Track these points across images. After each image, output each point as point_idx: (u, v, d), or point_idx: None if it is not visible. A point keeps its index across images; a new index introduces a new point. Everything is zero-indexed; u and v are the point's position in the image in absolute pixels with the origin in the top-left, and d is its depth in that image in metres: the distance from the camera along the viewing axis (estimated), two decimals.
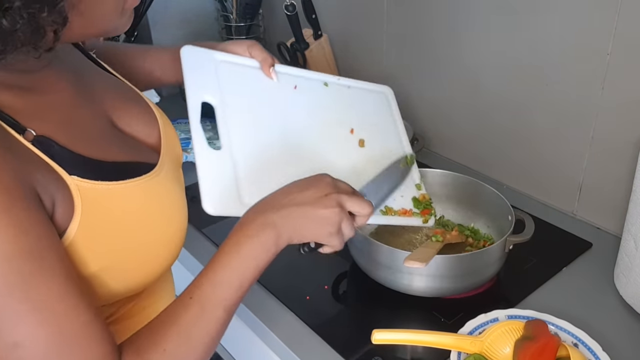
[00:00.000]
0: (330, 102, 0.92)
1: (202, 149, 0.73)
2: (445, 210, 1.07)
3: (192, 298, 0.61)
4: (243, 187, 0.74)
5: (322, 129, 0.88)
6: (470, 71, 1.21)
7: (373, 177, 0.85)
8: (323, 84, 0.93)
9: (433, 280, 0.87)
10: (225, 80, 0.82)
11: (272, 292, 0.94)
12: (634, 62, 0.94)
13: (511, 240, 0.89)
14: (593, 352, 0.78)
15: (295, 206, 0.65)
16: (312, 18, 1.42)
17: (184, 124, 1.44)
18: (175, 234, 0.71)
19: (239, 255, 0.63)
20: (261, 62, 0.86)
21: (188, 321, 0.60)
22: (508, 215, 0.92)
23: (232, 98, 0.81)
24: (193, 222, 1.12)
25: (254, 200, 0.69)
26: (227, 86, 0.81)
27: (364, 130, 0.93)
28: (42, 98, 0.62)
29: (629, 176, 0.99)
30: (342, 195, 0.67)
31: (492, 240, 0.99)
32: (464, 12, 1.18)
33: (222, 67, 0.83)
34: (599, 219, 1.10)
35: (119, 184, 0.63)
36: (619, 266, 0.91)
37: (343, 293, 0.97)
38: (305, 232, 0.66)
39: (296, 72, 0.91)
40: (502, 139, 1.21)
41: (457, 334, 0.80)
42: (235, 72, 0.84)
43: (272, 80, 0.87)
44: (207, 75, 0.81)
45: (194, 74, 0.79)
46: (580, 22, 0.99)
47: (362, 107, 0.96)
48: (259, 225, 0.64)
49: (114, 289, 0.64)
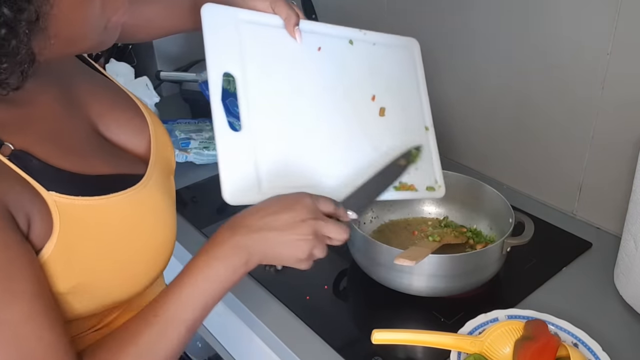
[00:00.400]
0: (354, 65, 0.88)
1: (223, 131, 0.70)
2: (450, 211, 1.07)
3: (156, 316, 0.60)
4: (262, 172, 0.72)
5: (342, 97, 0.85)
6: (471, 71, 1.21)
7: (363, 182, 0.81)
8: (348, 42, 0.88)
9: (433, 280, 0.87)
10: (249, 45, 0.77)
11: (272, 292, 0.94)
12: (634, 62, 0.94)
13: (509, 242, 0.89)
14: (593, 352, 0.78)
15: (269, 231, 0.64)
16: (312, 18, 1.42)
17: (184, 124, 1.44)
18: (160, 248, 0.69)
19: (207, 276, 0.62)
20: (285, 19, 0.80)
21: (150, 338, 0.60)
22: (509, 217, 0.92)
23: (255, 67, 0.77)
24: (193, 222, 1.13)
25: (271, 186, 0.68)
26: (250, 52, 0.77)
27: (385, 97, 0.89)
28: (24, 110, 0.60)
29: (629, 176, 0.99)
30: (319, 221, 0.66)
31: (493, 241, 0.99)
32: (464, 12, 1.17)
33: (244, 28, 0.78)
34: (599, 219, 1.09)
35: (101, 199, 0.61)
36: (619, 266, 0.91)
37: (343, 293, 0.97)
38: (275, 256, 0.66)
39: (321, 28, 0.86)
40: (502, 139, 1.21)
41: (457, 334, 0.80)
42: (257, 35, 0.79)
43: (295, 42, 0.81)
44: (229, 40, 0.76)
45: (216, 37, 0.75)
46: (580, 22, 0.99)
47: (386, 70, 0.92)
48: (231, 248, 0.63)
49: (95, 303, 0.63)
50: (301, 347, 0.84)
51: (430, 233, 1.03)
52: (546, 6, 1.03)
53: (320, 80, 0.84)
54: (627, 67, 0.95)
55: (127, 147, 0.72)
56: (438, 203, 1.08)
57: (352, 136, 0.84)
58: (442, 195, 0.91)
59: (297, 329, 0.88)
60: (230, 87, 0.75)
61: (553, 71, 1.06)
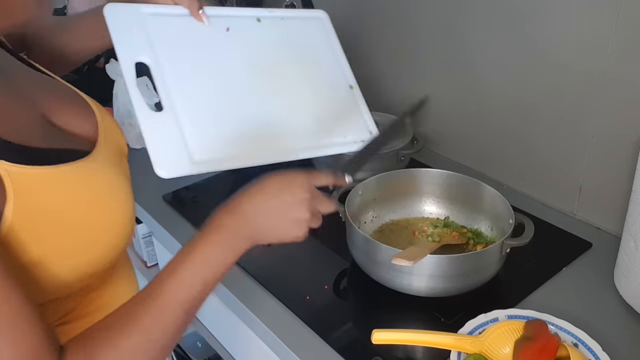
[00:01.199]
0: (265, 40, 0.89)
1: (144, 113, 0.71)
2: (450, 211, 1.07)
3: (153, 297, 0.61)
4: (192, 145, 0.72)
5: (261, 70, 0.86)
6: (471, 71, 1.22)
7: (356, 151, 0.82)
8: (256, 20, 0.90)
9: (433, 280, 0.87)
10: (156, 35, 0.79)
11: (272, 292, 0.94)
12: (634, 62, 0.94)
13: (508, 243, 0.89)
14: (593, 352, 0.78)
15: (267, 214, 0.66)
16: None
17: None
18: (118, 221, 0.70)
19: (206, 260, 0.63)
20: (188, 7, 0.82)
21: (147, 320, 0.60)
22: (509, 218, 0.92)
23: (166, 52, 0.78)
24: (193, 222, 1.13)
25: (205, 156, 0.69)
26: (159, 41, 0.78)
27: (304, 65, 0.91)
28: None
29: (629, 176, 0.99)
30: (314, 199, 0.68)
31: (494, 242, 0.99)
32: (465, 11, 1.18)
33: (151, 21, 0.80)
34: (599, 219, 1.09)
35: (52, 168, 0.62)
36: (619, 266, 0.91)
37: (343, 293, 0.97)
38: (274, 237, 0.68)
39: (226, 11, 0.88)
40: (502, 139, 1.21)
41: (457, 334, 0.80)
42: (165, 24, 0.81)
43: (204, 26, 0.83)
44: (136, 33, 0.78)
45: (123, 34, 0.76)
46: (581, 22, 0.99)
47: (299, 41, 0.93)
48: (229, 232, 0.65)
49: (60, 275, 0.64)
50: (301, 347, 0.84)
51: (430, 233, 1.03)
52: (546, 6, 1.03)
53: (235, 58, 0.85)
54: (627, 67, 0.96)
55: (76, 132, 0.73)
56: (439, 203, 1.08)
57: (280, 105, 0.84)
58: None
59: (297, 329, 0.88)
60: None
61: (553, 71, 1.06)
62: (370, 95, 1.54)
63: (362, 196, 1.03)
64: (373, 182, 1.04)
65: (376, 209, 1.06)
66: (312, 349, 0.84)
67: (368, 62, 1.44)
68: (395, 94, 1.41)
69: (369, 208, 1.05)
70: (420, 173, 1.08)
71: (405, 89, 1.38)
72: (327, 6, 1.49)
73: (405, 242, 1.01)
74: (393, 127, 0.84)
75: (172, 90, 0.76)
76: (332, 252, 1.05)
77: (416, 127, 1.32)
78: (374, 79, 1.44)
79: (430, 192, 1.08)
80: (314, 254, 1.01)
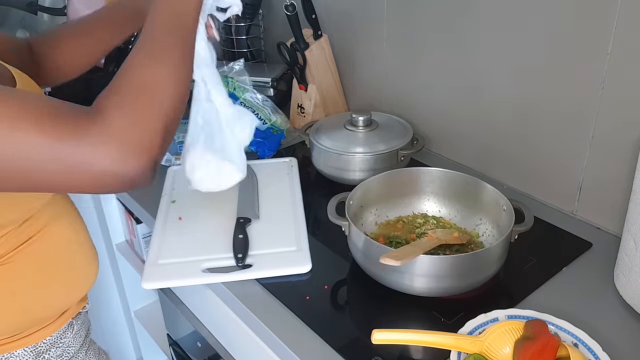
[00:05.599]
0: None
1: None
2: (450, 211, 1.07)
3: (156, 28, 0.69)
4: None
5: None
6: (471, 71, 1.21)
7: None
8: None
9: (433, 280, 0.87)
10: None
11: (272, 292, 0.94)
12: (634, 62, 0.94)
13: (517, 230, 0.90)
14: (593, 352, 0.78)
15: None
16: (312, 18, 1.42)
17: (184, 124, 1.43)
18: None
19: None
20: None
21: (159, 46, 0.68)
22: (503, 205, 0.93)
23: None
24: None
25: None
26: None
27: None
28: None
29: (629, 176, 0.99)
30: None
31: (491, 243, 0.99)
32: (465, 11, 1.18)
33: None
34: (599, 219, 1.10)
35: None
36: (619, 266, 0.91)
37: (343, 292, 0.97)
38: None
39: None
40: (502, 139, 1.21)
41: (457, 334, 0.80)
42: None
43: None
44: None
45: None
46: (581, 22, 0.99)
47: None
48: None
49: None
50: (301, 347, 0.84)
51: (430, 232, 1.03)
52: (546, 6, 1.03)
53: None
54: (627, 67, 0.95)
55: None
56: (439, 202, 1.08)
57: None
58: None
59: (297, 329, 0.88)
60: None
61: (553, 71, 1.06)
62: (371, 95, 1.54)
63: (362, 196, 1.03)
64: (373, 181, 1.04)
65: (376, 208, 1.06)
66: (312, 349, 0.84)
67: (368, 61, 1.44)
68: (396, 94, 1.41)
69: (369, 208, 1.05)
70: (421, 172, 1.08)
71: (405, 88, 1.38)
72: (328, 4, 1.49)
73: (405, 241, 1.01)
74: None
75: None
76: (331, 252, 1.05)
77: (416, 127, 1.33)
78: (374, 78, 1.44)
79: (430, 191, 1.08)
80: (314, 253, 1.01)
